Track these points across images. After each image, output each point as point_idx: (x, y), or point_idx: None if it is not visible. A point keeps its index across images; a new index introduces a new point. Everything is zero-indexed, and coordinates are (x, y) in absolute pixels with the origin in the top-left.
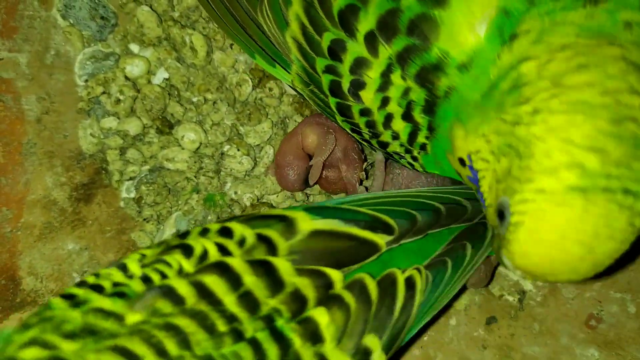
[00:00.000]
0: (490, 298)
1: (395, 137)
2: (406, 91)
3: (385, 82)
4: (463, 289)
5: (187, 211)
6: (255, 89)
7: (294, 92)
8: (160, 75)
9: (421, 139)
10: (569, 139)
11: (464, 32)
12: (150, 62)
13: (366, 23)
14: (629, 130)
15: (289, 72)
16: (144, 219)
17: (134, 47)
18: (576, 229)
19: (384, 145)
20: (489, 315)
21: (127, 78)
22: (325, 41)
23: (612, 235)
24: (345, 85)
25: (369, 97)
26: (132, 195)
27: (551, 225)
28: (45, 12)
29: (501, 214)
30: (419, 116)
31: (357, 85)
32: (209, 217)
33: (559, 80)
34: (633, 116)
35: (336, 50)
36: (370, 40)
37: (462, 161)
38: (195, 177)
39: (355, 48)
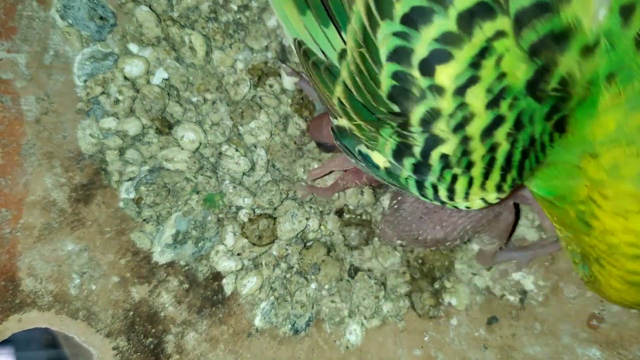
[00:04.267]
0: (491, 298)
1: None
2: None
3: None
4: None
5: (187, 212)
6: (256, 87)
7: (293, 93)
8: (160, 75)
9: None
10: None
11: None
12: (149, 62)
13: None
14: None
15: (341, 34)
16: (144, 220)
17: (133, 47)
18: None
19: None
20: (490, 315)
21: (126, 78)
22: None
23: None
24: (421, 53)
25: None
26: (132, 195)
27: None
28: (43, 13)
29: None
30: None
31: (439, 57)
32: (209, 218)
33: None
34: None
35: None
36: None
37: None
38: (194, 177)
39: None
